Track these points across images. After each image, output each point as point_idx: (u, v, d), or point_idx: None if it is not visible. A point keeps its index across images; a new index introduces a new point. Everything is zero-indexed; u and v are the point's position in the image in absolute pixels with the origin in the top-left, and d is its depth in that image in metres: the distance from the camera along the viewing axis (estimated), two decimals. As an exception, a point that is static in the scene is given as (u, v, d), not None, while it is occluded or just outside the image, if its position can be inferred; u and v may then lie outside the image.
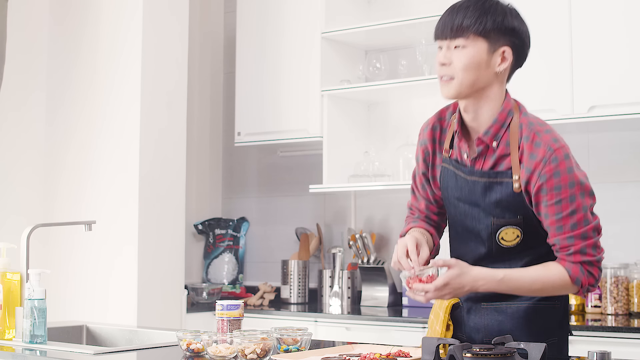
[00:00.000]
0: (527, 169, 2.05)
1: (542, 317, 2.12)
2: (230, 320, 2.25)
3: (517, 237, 2.09)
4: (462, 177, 2.15)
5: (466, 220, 2.17)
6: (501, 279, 2.04)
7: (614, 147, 3.71)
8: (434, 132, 2.24)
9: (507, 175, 2.08)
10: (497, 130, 2.10)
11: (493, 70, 2.08)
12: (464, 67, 2.05)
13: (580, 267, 2.04)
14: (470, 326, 2.19)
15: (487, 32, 2.04)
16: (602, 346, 3.00)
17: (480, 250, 2.15)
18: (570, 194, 2.04)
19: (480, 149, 2.11)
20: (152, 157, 3.88)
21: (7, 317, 2.51)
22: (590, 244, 2.05)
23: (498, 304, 2.15)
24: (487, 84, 2.08)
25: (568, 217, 2.04)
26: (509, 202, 2.07)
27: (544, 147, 2.06)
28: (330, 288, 4.17)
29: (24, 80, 4.11)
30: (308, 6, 4.20)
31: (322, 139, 4.13)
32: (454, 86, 2.07)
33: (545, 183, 2.03)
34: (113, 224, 3.85)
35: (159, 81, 3.94)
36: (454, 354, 1.72)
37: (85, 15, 4.08)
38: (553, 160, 2.04)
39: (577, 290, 2.07)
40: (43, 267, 3.64)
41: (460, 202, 2.16)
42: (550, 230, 2.06)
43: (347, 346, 2.13)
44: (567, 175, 2.04)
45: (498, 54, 2.07)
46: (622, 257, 3.60)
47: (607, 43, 3.39)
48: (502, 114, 2.10)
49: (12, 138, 4.07)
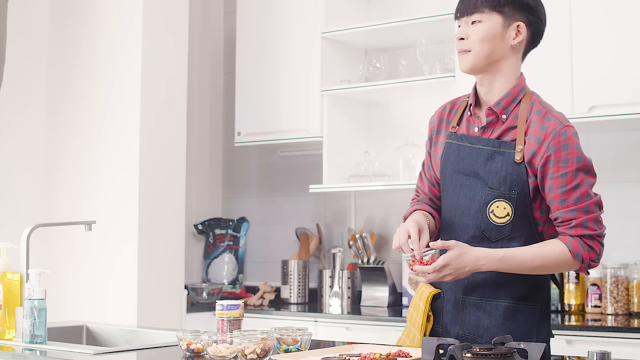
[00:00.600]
0: (537, 139, 2.11)
1: (520, 316, 2.14)
2: (230, 320, 2.25)
3: (507, 215, 2.13)
4: (467, 147, 2.21)
5: (460, 195, 2.21)
6: (502, 257, 2.08)
7: (614, 147, 3.71)
8: (444, 112, 2.34)
9: (510, 147, 2.14)
10: (508, 103, 2.18)
11: (508, 43, 2.17)
12: (481, 39, 2.15)
13: (580, 242, 2.09)
14: (449, 317, 2.22)
15: (502, 6, 2.15)
16: (602, 346, 3.00)
17: (468, 233, 2.17)
18: (576, 167, 2.09)
19: (490, 119, 2.19)
20: (153, 157, 3.88)
21: (7, 317, 2.51)
22: (592, 218, 2.09)
23: (477, 299, 2.17)
24: (502, 56, 2.18)
25: (572, 191, 2.09)
26: (507, 172, 2.12)
27: (555, 121, 2.12)
28: (330, 288, 4.17)
29: (24, 81, 4.11)
30: (308, 6, 4.20)
31: (322, 139, 4.13)
32: (471, 58, 2.17)
33: (554, 154, 2.09)
34: (113, 224, 3.85)
35: (159, 81, 3.94)
36: (454, 354, 1.72)
37: (85, 15, 4.08)
38: (563, 133, 2.10)
39: (579, 265, 2.10)
40: (43, 267, 3.65)
41: (459, 175, 2.21)
42: (553, 203, 2.10)
43: (347, 346, 2.13)
44: (575, 150, 2.10)
45: (513, 28, 2.17)
46: (622, 257, 3.60)
47: (607, 43, 3.40)
48: (515, 89, 2.19)
49: (13, 139, 4.07)
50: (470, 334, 2.17)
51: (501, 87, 2.20)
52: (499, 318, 2.14)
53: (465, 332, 2.18)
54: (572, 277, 3.61)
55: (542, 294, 2.19)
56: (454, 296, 2.21)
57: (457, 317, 2.20)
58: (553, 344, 3.14)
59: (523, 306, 2.15)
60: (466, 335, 2.17)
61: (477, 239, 2.15)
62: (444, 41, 4.06)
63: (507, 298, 2.15)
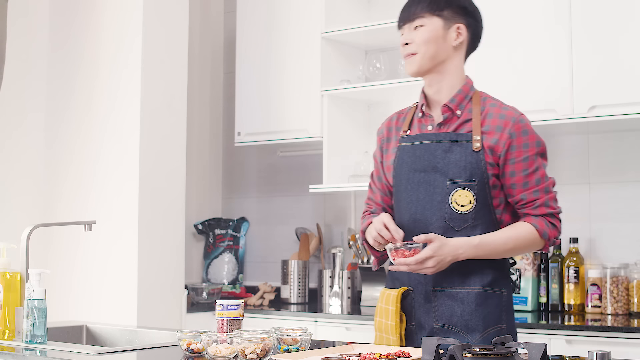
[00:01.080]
0: (498, 127, 2.23)
1: (491, 302, 2.23)
2: (230, 320, 2.25)
3: (469, 203, 2.22)
4: (422, 144, 2.31)
5: (419, 191, 2.28)
6: (477, 244, 2.19)
7: (614, 147, 3.71)
8: (391, 121, 2.47)
9: (467, 138, 2.25)
10: (461, 99, 2.30)
11: (450, 44, 2.31)
12: (424, 41, 2.28)
13: (545, 221, 2.23)
14: (421, 310, 2.27)
15: (441, 10, 2.29)
16: (602, 346, 3.00)
17: (432, 225, 2.24)
18: (536, 152, 2.24)
19: (446, 115, 2.30)
20: (152, 157, 3.88)
21: (7, 317, 2.51)
22: (552, 197, 2.26)
23: (448, 289, 2.24)
24: (447, 57, 2.31)
25: (533, 174, 2.24)
26: (466, 162, 2.23)
27: (512, 110, 2.28)
28: (330, 288, 4.17)
29: (24, 80, 4.11)
30: (308, 6, 4.20)
31: (322, 139, 4.13)
32: (417, 60, 2.30)
33: (516, 140, 2.23)
34: (113, 224, 3.85)
35: (159, 81, 3.94)
36: (454, 354, 1.72)
37: (85, 16, 4.08)
38: (521, 120, 2.26)
39: (544, 244, 2.25)
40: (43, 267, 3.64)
41: (416, 173, 2.29)
42: (516, 187, 2.24)
43: (347, 346, 2.13)
44: (534, 135, 2.26)
45: (453, 30, 2.30)
46: (622, 257, 3.60)
47: (607, 43, 3.39)
48: (466, 87, 2.33)
49: (13, 139, 4.08)
50: (445, 324, 2.24)
51: (450, 86, 2.32)
52: (471, 305, 2.22)
53: (440, 324, 2.24)
54: (571, 277, 3.61)
55: (506, 280, 2.29)
56: (424, 289, 2.27)
57: (430, 309, 2.26)
58: (553, 344, 3.16)
59: (492, 292, 2.24)
60: (441, 327, 2.24)
61: (442, 229, 2.23)
62: (444, 41, 4.05)
63: (476, 285, 2.23)
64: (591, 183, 3.75)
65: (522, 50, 3.58)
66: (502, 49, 3.62)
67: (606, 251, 3.69)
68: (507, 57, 3.61)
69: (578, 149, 3.79)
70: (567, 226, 3.75)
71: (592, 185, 3.75)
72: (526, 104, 3.54)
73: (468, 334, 2.21)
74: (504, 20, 3.63)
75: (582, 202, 3.76)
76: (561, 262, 3.67)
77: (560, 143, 3.83)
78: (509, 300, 2.28)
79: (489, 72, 3.63)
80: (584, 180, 3.76)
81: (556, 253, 3.69)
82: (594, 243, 3.71)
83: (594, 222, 3.73)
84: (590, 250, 3.72)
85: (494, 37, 3.64)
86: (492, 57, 3.64)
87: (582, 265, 3.63)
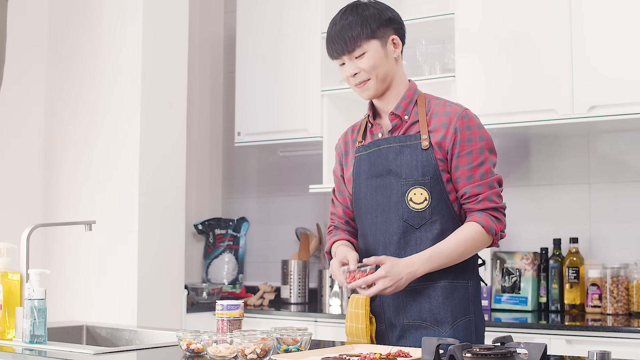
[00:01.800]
0: (443, 124, 2.27)
1: (457, 294, 2.27)
2: (230, 320, 2.25)
3: (425, 200, 2.26)
4: (375, 151, 2.35)
5: (377, 195, 2.33)
6: (430, 256, 2.22)
7: (614, 147, 3.71)
8: (347, 135, 2.51)
9: (416, 138, 2.29)
10: (406, 105, 2.34)
11: (392, 57, 2.34)
12: (372, 67, 2.31)
13: (489, 216, 2.24)
14: (390, 311, 2.31)
15: (374, 31, 2.30)
16: (602, 346, 3.01)
17: (392, 227, 2.29)
18: (480, 146, 2.27)
19: (395, 122, 2.35)
20: (152, 157, 3.88)
21: (7, 317, 2.51)
22: (495, 192, 2.26)
23: (414, 285, 2.26)
24: (394, 71, 2.35)
25: (477, 168, 2.26)
26: (417, 161, 2.27)
27: (456, 106, 2.32)
28: (330, 288, 4.17)
29: (24, 81, 4.11)
30: (308, 6, 4.20)
31: (322, 139, 4.13)
32: (372, 85, 2.33)
33: (460, 134, 2.26)
34: (113, 224, 3.85)
35: (159, 81, 3.94)
36: (454, 354, 1.72)
37: (84, 16, 4.08)
38: (465, 115, 2.29)
39: (492, 239, 2.26)
40: (43, 267, 3.65)
41: (373, 178, 2.34)
42: (460, 181, 2.27)
43: (347, 346, 2.13)
44: (477, 130, 2.28)
45: (390, 44, 2.34)
46: (622, 257, 3.61)
47: (607, 43, 3.39)
48: (409, 92, 2.36)
49: (13, 139, 4.07)
50: (415, 320, 2.28)
51: (396, 95, 2.36)
52: (438, 298, 2.26)
53: (410, 320, 2.28)
54: (571, 277, 3.61)
55: (472, 272, 2.33)
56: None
57: (399, 308, 2.29)
58: (553, 344, 3.16)
59: (458, 284, 2.28)
60: (411, 323, 2.28)
61: (402, 229, 2.28)
62: (443, 41, 4.06)
63: (442, 279, 2.27)
64: (591, 183, 3.75)
65: (522, 50, 3.58)
66: (502, 48, 3.62)
67: (606, 251, 3.69)
68: (507, 57, 3.61)
69: (578, 149, 3.79)
70: (567, 226, 3.77)
71: (592, 185, 3.75)
72: (526, 104, 3.55)
73: (438, 327, 2.26)
74: (504, 20, 3.63)
75: (582, 202, 3.76)
76: (561, 262, 3.67)
77: (560, 143, 3.83)
78: (477, 291, 2.33)
79: (489, 72, 3.64)
80: (584, 180, 3.76)
81: (556, 253, 3.69)
82: (594, 243, 3.72)
83: (594, 222, 3.73)
84: (590, 250, 3.72)
85: (494, 37, 3.65)
86: (492, 57, 3.64)
87: (582, 265, 3.63)
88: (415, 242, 2.27)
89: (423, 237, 2.27)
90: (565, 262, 3.64)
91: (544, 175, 3.86)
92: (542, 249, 3.74)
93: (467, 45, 3.73)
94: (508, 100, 3.61)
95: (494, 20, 3.65)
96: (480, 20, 3.70)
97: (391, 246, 2.29)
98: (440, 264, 2.23)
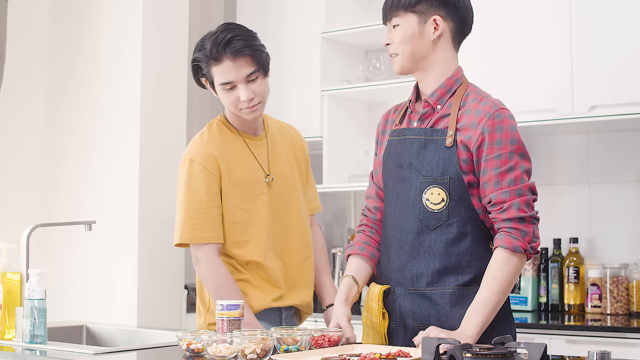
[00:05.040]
0: (472, 124, 2.14)
1: (467, 302, 2.14)
2: (230, 320, 2.25)
3: (442, 201, 2.15)
4: (402, 140, 2.25)
5: (398, 188, 2.25)
6: (469, 315, 2.08)
7: (614, 147, 3.71)
8: (389, 113, 2.40)
9: (442, 134, 2.18)
10: (442, 94, 2.22)
11: (429, 39, 2.22)
12: (401, 41, 2.23)
13: (509, 234, 2.08)
14: (401, 312, 2.24)
15: (414, 6, 2.21)
16: (602, 346, 3.00)
17: (408, 224, 2.20)
18: (510, 150, 2.12)
19: (425, 110, 2.24)
20: (152, 157, 3.88)
21: (7, 317, 2.51)
22: (524, 201, 2.10)
23: (423, 289, 2.19)
24: (427, 52, 2.23)
25: (506, 173, 2.11)
26: (439, 158, 2.16)
27: (490, 104, 2.16)
28: (330, 288, 4.16)
29: (24, 81, 4.11)
30: (308, 6, 4.20)
31: (322, 139, 4.13)
32: (398, 60, 2.26)
33: (488, 136, 2.12)
34: (113, 224, 3.85)
35: (159, 81, 3.94)
36: (454, 354, 1.72)
37: (85, 16, 4.08)
38: (497, 115, 2.13)
39: (524, 255, 2.09)
40: (43, 267, 3.65)
41: (398, 169, 2.25)
42: (487, 186, 2.12)
43: (347, 346, 2.13)
44: (509, 132, 2.12)
45: (430, 24, 2.21)
46: (622, 257, 3.60)
47: (607, 43, 3.39)
48: (450, 80, 2.23)
49: (13, 139, 4.08)
50: (424, 324, 2.19)
51: (435, 80, 2.23)
52: (445, 306, 2.16)
53: (419, 324, 2.21)
54: (571, 277, 3.61)
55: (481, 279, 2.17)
56: (404, 289, 2.23)
57: (409, 310, 2.22)
58: (553, 344, 3.16)
59: (469, 291, 2.16)
60: (420, 327, 2.19)
61: (417, 228, 2.19)
62: (444, 41, 4.05)
63: (451, 285, 2.16)
64: (591, 183, 3.75)
65: (522, 50, 3.58)
66: (502, 48, 3.62)
67: (606, 251, 3.69)
68: (507, 57, 3.61)
69: (578, 149, 3.79)
70: (567, 226, 3.76)
71: (592, 185, 3.75)
72: (526, 104, 3.55)
73: None
74: (504, 20, 3.63)
75: (582, 202, 3.76)
76: (561, 262, 3.67)
77: (560, 143, 3.83)
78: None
79: (489, 72, 3.63)
80: (584, 180, 3.76)
81: (556, 253, 3.69)
82: (594, 243, 3.71)
83: (594, 222, 3.72)
84: (590, 250, 3.71)
85: (494, 36, 3.65)
86: (492, 57, 3.64)
87: (582, 265, 3.63)
88: (429, 244, 2.17)
89: (437, 240, 2.16)
90: (565, 262, 3.64)
91: (544, 175, 3.86)
92: (542, 249, 3.74)
93: (467, 45, 3.72)
94: (508, 100, 3.59)
95: (493, 20, 3.65)
96: (480, 20, 3.70)
97: (405, 245, 2.21)
98: (490, 312, 2.08)
